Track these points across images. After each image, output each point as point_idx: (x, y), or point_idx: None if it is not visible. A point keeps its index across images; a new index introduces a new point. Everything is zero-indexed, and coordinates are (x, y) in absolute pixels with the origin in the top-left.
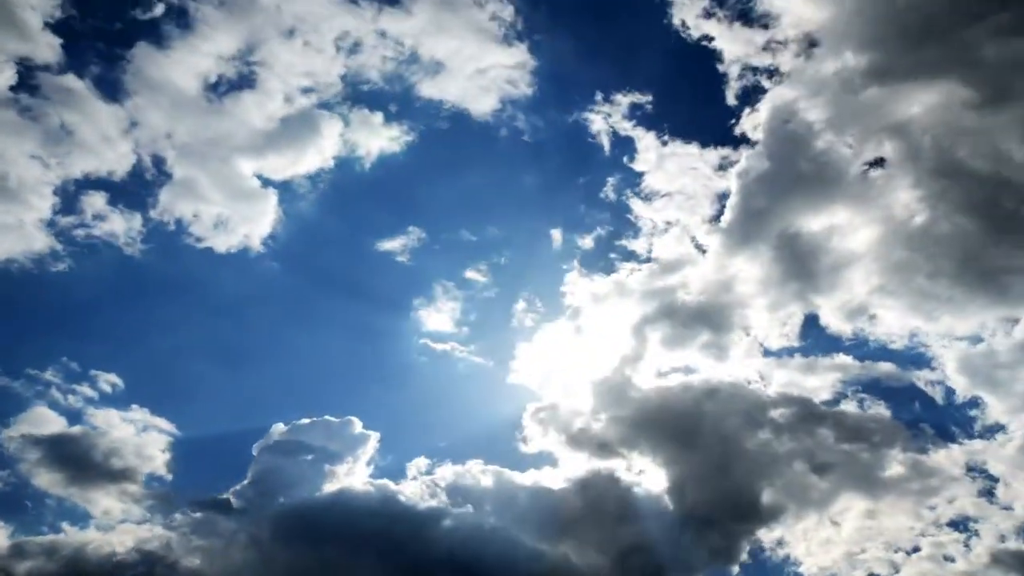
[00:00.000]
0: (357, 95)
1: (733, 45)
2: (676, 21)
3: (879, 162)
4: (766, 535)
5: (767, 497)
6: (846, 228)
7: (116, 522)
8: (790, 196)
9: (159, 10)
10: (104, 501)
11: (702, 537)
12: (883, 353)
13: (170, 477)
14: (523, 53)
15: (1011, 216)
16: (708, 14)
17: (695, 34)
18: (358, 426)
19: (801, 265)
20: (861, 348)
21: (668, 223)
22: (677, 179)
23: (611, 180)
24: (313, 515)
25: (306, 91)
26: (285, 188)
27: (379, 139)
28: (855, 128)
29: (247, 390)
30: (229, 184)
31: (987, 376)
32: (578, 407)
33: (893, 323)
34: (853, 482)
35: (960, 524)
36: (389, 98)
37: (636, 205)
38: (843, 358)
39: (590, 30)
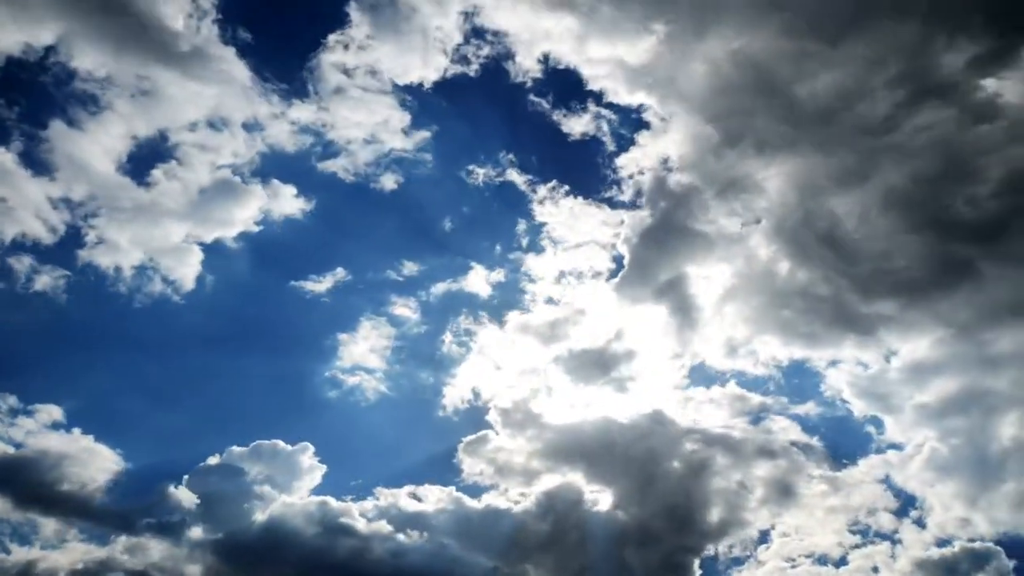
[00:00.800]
0: (269, 171)
1: (600, 124)
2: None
3: (754, 221)
4: (706, 554)
5: (699, 519)
6: (725, 277)
7: (60, 542)
8: (672, 249)
9: (68, 96)
10: (49, 522)
11: (650, 556)
12: (781, 383)
13: (113, 500)
14: (425, 137)
15: (875, 273)
16: (553, 106)
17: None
18: (299, 452)
19: (688, 310)
20: (759, 381)
21: (572, 271)
22: (579, 233)
23: (519, 230)
24: (255, 538)
25: (221, 167)
26: (210, 247)
27: (293, 208)
28: (723, 189)
29: (183, 422)
30: (154, 243)
31: (880, 398)
32: (506, 436)
33: (779, 354)
34: (776, 501)
35: (883, 536)
36: (301, 174)
37: (541, 254)
38: (738, 389)
39: (487, 115)
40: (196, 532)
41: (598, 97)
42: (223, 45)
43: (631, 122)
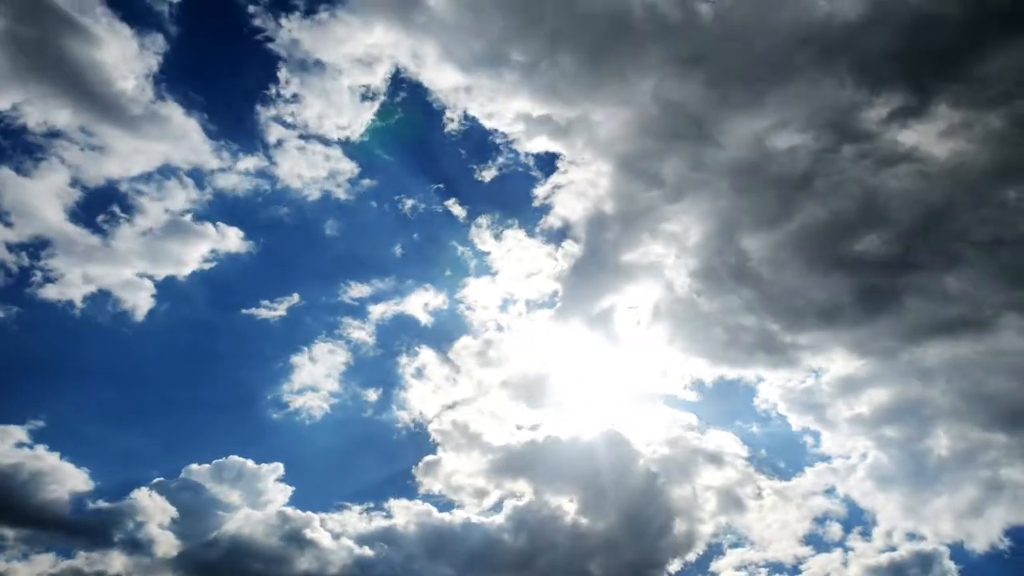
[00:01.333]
0: (218, 216)
1: (528, 164)
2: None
3: (677, 255)
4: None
5: (653, 534)
6: (652, 306)
7: (24, 555)
8: (601, 281)
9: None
10: (16, 535)
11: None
12: (716, 401)
13: (79, 514)
14: (370, 183)
15: (795, 307)
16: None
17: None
18: (262, 469)
19: (619, 336)
20: (694, 402)
21: (512, 298)
22: (522, 263)
23: (464, 258)
24: (220, 553)
25: (170, 211)
26: (161, 283)
27: (241, 249)
28: (646, 225)
29: (146, 441)
30: (107, 280)
31: (813, 409)
32: (457, 457)
33: (709, 375)
34: (726, 513)
35: (833, 544)
36: (248, 217)
37: (486, 282)
38: (675, 409)
39: (422, 162)
40: (161, 546)
41: (519, 142)
42: (172, 104)
43: (551, 162)
